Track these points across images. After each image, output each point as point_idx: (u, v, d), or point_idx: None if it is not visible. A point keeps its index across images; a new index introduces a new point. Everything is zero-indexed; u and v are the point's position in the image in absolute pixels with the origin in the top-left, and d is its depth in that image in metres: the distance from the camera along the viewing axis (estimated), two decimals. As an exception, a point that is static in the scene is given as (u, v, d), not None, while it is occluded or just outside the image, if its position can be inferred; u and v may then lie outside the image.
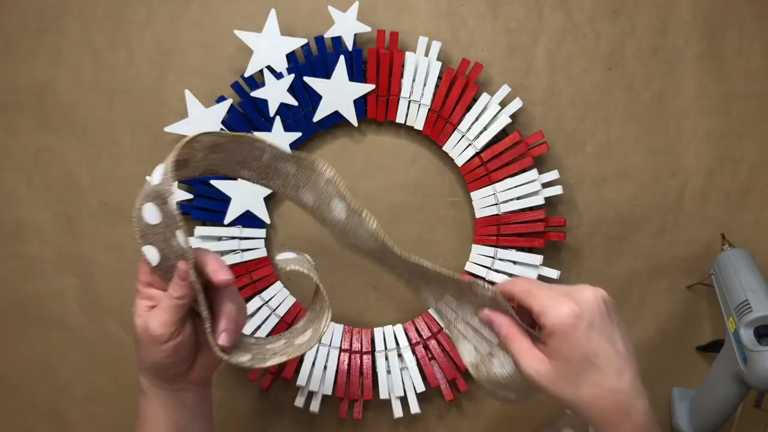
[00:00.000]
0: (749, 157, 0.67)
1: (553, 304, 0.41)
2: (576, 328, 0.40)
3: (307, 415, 0.68)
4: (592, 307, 0.41)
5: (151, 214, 0.45)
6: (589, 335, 0.40)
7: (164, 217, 0.45)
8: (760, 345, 0.54)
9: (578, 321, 0.40)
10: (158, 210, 0.45)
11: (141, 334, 0.45)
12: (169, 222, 0.44)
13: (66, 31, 0.66)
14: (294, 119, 0.65)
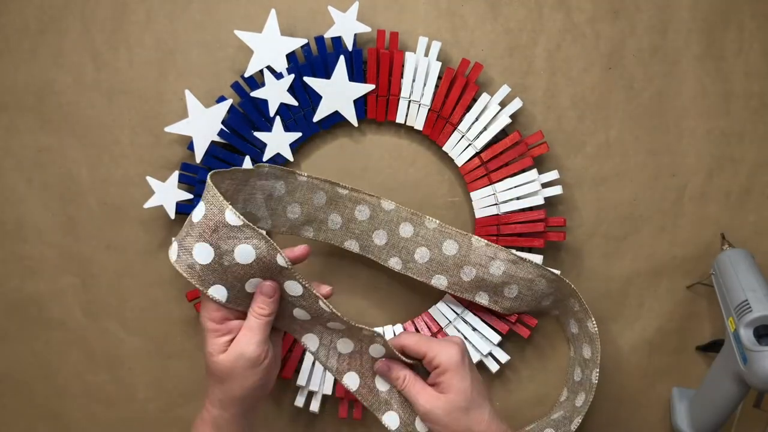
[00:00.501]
0: (749, 157, 0.67)
1: (441, 349, 0.51)
2: (463, 364, 0.51)
3: (307, 415, 0.68)
4: (464, 349, 0.52)
5: (202, 254, 0.46)
6: (471, 369, 0.52)
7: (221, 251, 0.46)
8: (759, 345, 0.54)
9: (463, 359, 0.51)
10: (210, 247, 0.46)
11: (234, 365, 0.48)
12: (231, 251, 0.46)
13: (66, 31, 0.66)
14: (294, 119, 0.65)
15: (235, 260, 0.46)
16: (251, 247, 0.46)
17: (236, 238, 0.46)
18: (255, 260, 0.46)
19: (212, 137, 0.63)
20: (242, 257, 0.46)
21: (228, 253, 0.46)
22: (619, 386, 0.68)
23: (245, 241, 0.46)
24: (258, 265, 0.47)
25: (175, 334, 0.68)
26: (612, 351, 0.68)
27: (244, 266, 0.47)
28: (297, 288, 0.49)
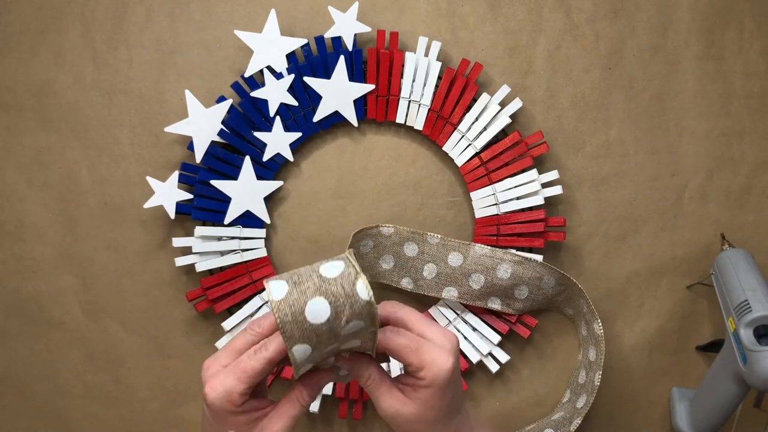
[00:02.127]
0: (749, 157, 0.67)
1: (434, 359, 0.42)
2: (449, 383, 0.43)
3: (307, 415, 0.68)
4: (458, 359, 0.44)
5: (317, 311, 0.39)
6: (455, 381, 0.44)
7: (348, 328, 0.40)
8: (759, 345, 0.54)
9: (452, 375, 0.43)
10: (330, 308, 0.39)
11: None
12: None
13: (66, 31, 0.66)
14: (294, 119, 0.65)
15: (345, 329, 0.41)
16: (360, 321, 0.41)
17: (356, 313, 0.40)
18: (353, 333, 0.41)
19: (212, 137, 0.63)
20: (354, 328, 0.41)
21: (342, 321, 0.40)
22: (619, 386, 0.68)
23: (358, 317, 0.40)
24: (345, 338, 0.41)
25: (175, 334, 0.68)
26: (612, 351, 0.68)
27: (345, 336, 0.41)
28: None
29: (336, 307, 0.39)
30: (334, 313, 0.39)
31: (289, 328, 0.39)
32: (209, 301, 0.65)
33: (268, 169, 0.65)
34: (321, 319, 0.39)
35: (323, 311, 0.39)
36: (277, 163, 0.65)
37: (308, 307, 0.39)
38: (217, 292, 0.64)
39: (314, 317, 0.39)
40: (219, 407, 0.41)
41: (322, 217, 0.67)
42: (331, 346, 0.42)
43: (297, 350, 0.40)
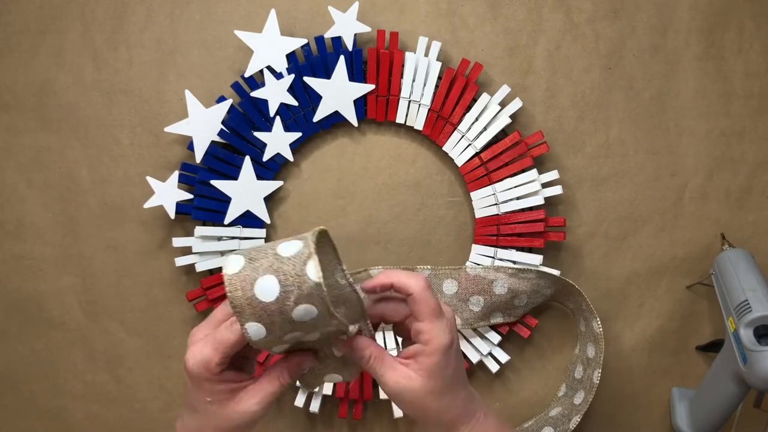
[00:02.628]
0: (749, 157, 0.67)
1: (435, 329, 0.43)
2: (451, 349, 0.44)
3: (307, 415, 0.68)
4: (455, 328, 0.45)
5: (266, 289, 0.38)
6: (457, 352, 0.45)
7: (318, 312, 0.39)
8: (759, 345, 0.54)
9: (452, 343, 0.44)
10: (279, 286, 0.38)
11: (235, 419, 0.43)
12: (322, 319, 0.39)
13: (66, 31, 0.66)
14: (294, 119, 0.65)
15: (295, 312, 0.39)
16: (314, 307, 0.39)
17: (317, 296, 0.39)
18: (313, 319, 0.40)
19: (212, 137, 0.63)
20: (306, 315, 0.39)
21: (290, 302, 0.39)
22: (619, 386, 0.68)
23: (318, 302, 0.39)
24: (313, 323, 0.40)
25: (175, 334, 0.68)
26: (612, 351, 0.68)
27: (302, 323, 0.40)
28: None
29: (285, 286, 0.38)
30: (283, 292, 0.38)
31: (239, 303, 0.38)
32: (209, 301, 0.65)
33: (268, 169, 0.65)
34: (270, 297, 0.38)
35: (272, 289, 0.38)
36: (277, 163, 0.65)
37: (258, 284, 0.38)
38: (217, 292, 0.64)
39: (263, 295, 0.38)
40: (197, 374, 0.42)
41: (322, 217, 0.67)
42: (290, 334, 0.40)
43: (250, 328, 0.39)
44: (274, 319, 0.39)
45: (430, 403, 0.44)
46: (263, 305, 0.38)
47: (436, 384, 0.43)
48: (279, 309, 0.38)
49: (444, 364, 0.43)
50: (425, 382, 0.43)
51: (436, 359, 0.43)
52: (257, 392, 0.43)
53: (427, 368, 0.43)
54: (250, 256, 0.39)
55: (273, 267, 0.38)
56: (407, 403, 0.44)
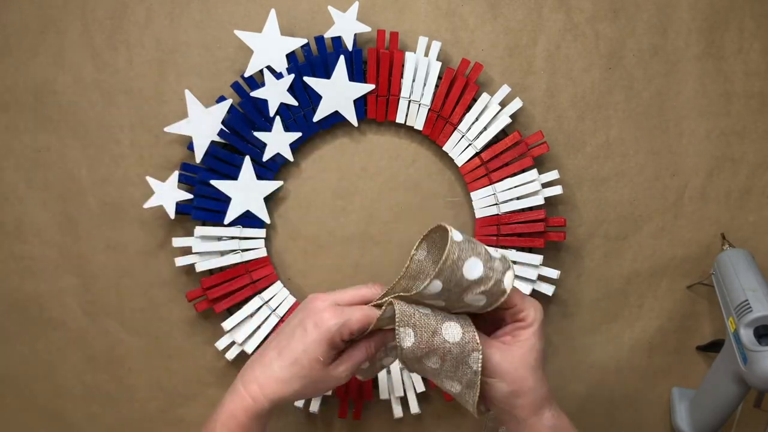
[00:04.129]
0: (749, 157, 0.67)
1: (531, 305, 0.48)
2: (543, 326, 0.48)
3: (307, 415, 0.68)
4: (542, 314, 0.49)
5: (473, 268, 0.45)
6: (544, 332, 0.49)
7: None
8: (760, 345, 0.54)
9: (542, 319, 0.49)
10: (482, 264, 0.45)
11: (332, 378, 0.48)
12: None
13: (66, 31, 0.66)
14: (294, 119, 0.65)
15: (469, 298, 0.46)
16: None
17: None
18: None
19: (212, 137, 0.63)
20: (474, 302, 0.47)
21: (481, 292, 0.46)
22: (619, 386, 0.68)
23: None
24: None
25: (175, 334, 0.68)
26: (612, 351, 0.68)
27: (458, 303, 0.47)
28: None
29: (486, 277, 0.45)
30: (480, 278, 0.45)
31: (450, 262, 0.44)
32: (209, 301, 0.65)
33: (268, 169, 0.65)
34: (471, 276, 0.45)
35: (476, 271, 0.45)
36: (277, 163, 0.65)
37: (469, 261, 0.45)
38: (217, 292, 0.64)
39: (468, 272, 0.45)
40: (330, 334, 0.46)
41: (322, 217, 0.67)
42: (440, 302, 0.46)
43: (434, 283, 0.44)
44: (453, 289, 0.45)
45: (528, 377, 0.47)
46: (461, 277, 0.44)
47: (531, 356, 0.47)
48: (467, 287, 0.45)
49: (538, 337, 0.47)
50: (524, 354, 0.47)
51: (531, 332, 0.47)
52: (349, 360, 0.49)
53: (524, 341, 0.47)
54: (469, 239, 0.46)
55: (483, 258, 0.45)
56: (504, 374, 0.46)
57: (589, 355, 0.68)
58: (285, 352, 0.48)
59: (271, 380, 0.48)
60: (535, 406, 0.47)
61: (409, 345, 0.46)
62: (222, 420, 0.47)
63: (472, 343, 0.46)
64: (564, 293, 0.68)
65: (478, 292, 0.46)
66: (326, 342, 0.47)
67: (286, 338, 0.48)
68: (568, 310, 0.68)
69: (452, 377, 0.48)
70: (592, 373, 0.68)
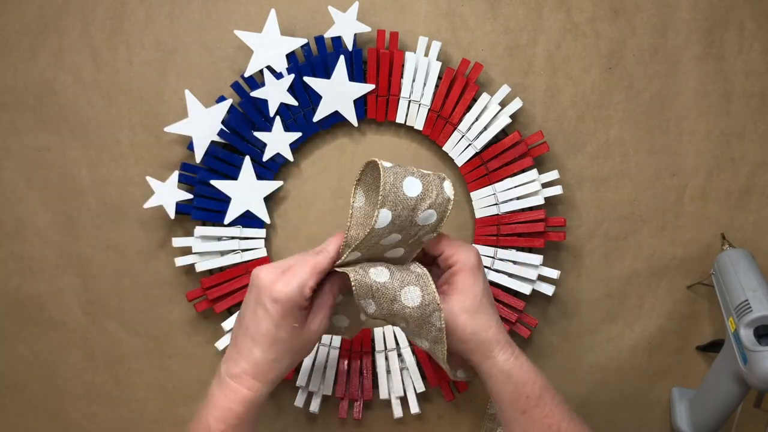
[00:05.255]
0: (749, 157, 0.67)
1: (460, 248, 0.49)
2: (479, 268, 0.49)
3: (307, 415, 0.68)
4: (479, 255, 0.50)
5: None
6: (484, 276, 0.50)
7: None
8: (760, 345, 0.54)
9: (480, 263, 0.50)
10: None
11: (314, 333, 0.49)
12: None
13: (66, 31, 0.66)
14: (294, 119, 0.65)
15: (422, 216, 0.48)
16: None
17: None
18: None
19: (212, 137, 0.63)
20: (426, 219, 0.49)
21: (429, 207, 0.48)
22: (619, 386, 0.68)
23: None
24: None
25: (175, 334, 0.68)
26: (612, 351, 0.68)
27: (412, 227, 0.48)
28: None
29: (426, 190, 0.47)
30: (422, 193, 0.46)
31: (387, 190, 0.45)
32: (209, 301, 0.65)
33: (268, 169, 0.65)
34: (412, 193, 0.46)
35: (416, 188, 0.46)
36: (277, 163, 0.65)
37: (406, 180, 0.46)
38: (217, 292, 0.64)
39: (408, 189, 0.46)
40: (293, 299, 0.46)
41: (322, 217, 0.67)
42: (394, 235, 0.48)
43: (382, 213, 0.45)
44: (402, 213, 0.46)
45: (465, 322, 0.47)
46: (405, 197, 0.46)
47: (467, 300, 0.47)
48: (413, 206, 0.46)
49: (472, 280, 0.48)
50: (458, 299, 0.47)
51: (464, 276, 0.48)
52: (321, 310, 0.49)
53: (456, 286, 0.48)
54: (398, 164, 0.48)
55: (417, 175, 0.47)
56: (448, 324, 0.47)
57: (589, 355, 0.68)
58: (259, 335, 0.47)
59: (261, 367, 0.47)
60: (484, 350, 0.47)
61: (372, 311, 0.47)
62: (216, 415, 0.47)
63: (432, 304, 0.47)
64: (564, 293, 0.68)
65: (426, 208, 0.47)
66: (292, 311, 0.47)
67: (252, 323, 0.48)
68: (568, 310, 0.68)
69: (418, 335, 0.49)
70: (592, 373, 0.68)
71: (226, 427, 0.47)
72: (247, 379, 0.47)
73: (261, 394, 0.48)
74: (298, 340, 0.48)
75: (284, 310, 0.46)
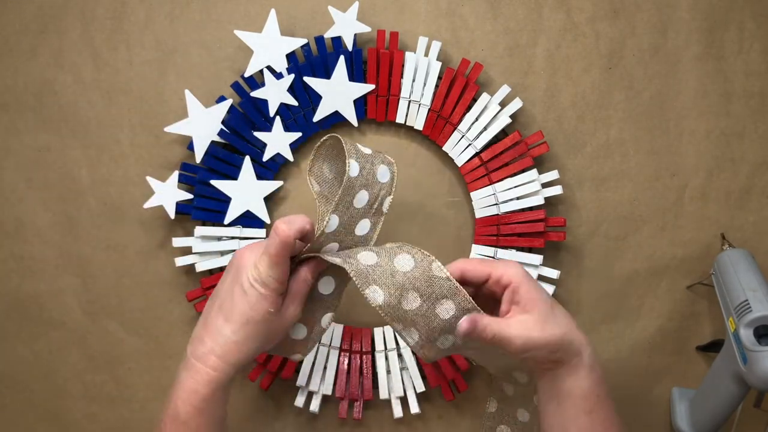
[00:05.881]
0: (749, 157, 0.67)
1: (505, 265, 0.48)
2: (531, 278, 0.48)
3: (307, 415, 0.68)
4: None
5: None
6: (537, 283, 0.48)
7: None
8: (759, 345, 0.54)
9: (527, 273, 0.48)
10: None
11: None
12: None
13: (66, 31, 0.66)
14: (294, 119, 0.65)
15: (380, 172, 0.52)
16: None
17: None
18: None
19: (212, 137, 0.63)
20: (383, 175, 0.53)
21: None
22: (619, 386, 0.68)
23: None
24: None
25: (175, 334, 0.68)
26: (612, 351, 0.68)
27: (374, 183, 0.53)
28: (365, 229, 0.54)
29: (373, 150, 0.54)
30: (373, 151, 0.54)
31: (350, 146, 0.51)
32: (209, 301, 0.65)
33: (268, 169, 0.65)
34: (368, 151, 0.53)
35: (368, 149, 0.53)
36: (277, 163, 0.65)
37: (358, 144, 0.52)
38: (217, 292, 0.64)
39: (364, 149, 0.52)
40: (271, 285, 0.46)
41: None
42: (367, 192, 0.51)
43: (353, 164, 0.49)
44: (365, 166, 0.51)
45: (553, 329, 0.45)
46: (363, 152, 0.52)
47: (543, 307, 0.46)
48: (371, 159, 0.52)
49: (534, 288, 0.46)
50: (537, 312, 0.45)
51: (526, 287, 0.46)
52: (294, 298, 0.49)
53: (525, 300, 0.46)
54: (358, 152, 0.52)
55: (357, 148, 0.52)
56: (537, 344, 0.45)
57: (589, 355, 0.68)
58: (233, 315, 0.47)
59: (228, 347, 0.47)
60: (575, 349, 0.46)
61: (382, 300, 0.45)
62: (183, 398, 0.46)
63: (426, 259, 0.46)
64: (564, 293, 0.68)
65: (379, 163, 0.52)
66: (268, 295, 0.46)
67: (227, 301, 0.47)
68: (568, 310, 0.67)
69: (435, 298, 0.46)
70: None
71: (192, 409, 0.46)
72: (212, 359, 0.47)
73: (226, 375, 0.47)
74: (271, 326, 0.48)
75: (261, 295, 0.46)
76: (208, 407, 0.47)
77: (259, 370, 0.65)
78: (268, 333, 0.48)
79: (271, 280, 0.46)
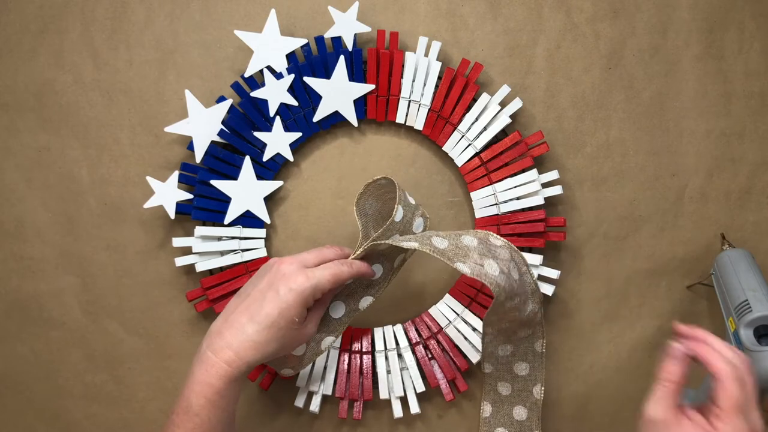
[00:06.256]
0: (749, 157, 0.67)
1: (729, 426, 0.45)
2: (740, 378, 0.46)
3: (307, 415, 0.68)
4: (746, 381, 0.47)
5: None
6: (750, 404, 0.46)
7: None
8: (760, 345, 0.54)
9: (741, 368, 0.46)
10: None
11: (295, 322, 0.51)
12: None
13: (66, 31, 0.66)
14: (294, 119, 0.65)
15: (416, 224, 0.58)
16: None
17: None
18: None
19: (212, 137, 0.63)
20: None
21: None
22: (620, 386, 0.68)
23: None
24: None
25: (175, 334, 0.68)
26: (612, 351, 0.68)
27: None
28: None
29: (417, 203, 0.60)
30: (416, 204, 0.59)
31: (401, 194, 0.56)
32: (209, 301, 0.65)
33: (268, 169, 0.65)
34: (413, 201, 0.60)
35: (413, 200, 0.60)
36: (277, 163, 0.65)
37: (407, 193, 0.58)
38: (217, 292, 0.64)
39: (411, 199, 0.59)
40: (305, 296, 0.50)
41: (322, 217, 0.67)
42: (400, 236, 0.57)
43: (398, 210, 0.55)
44: (407, 214, 0.56)
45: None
46: (410, 202, 0.58)
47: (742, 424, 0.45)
48: (413, 210, 0.58)
49: (742, 419, 0.45)
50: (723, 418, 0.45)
51: (721, 386, 0.45)
52: (315, 315, 0.54)
53: (716, 399, 0.46)
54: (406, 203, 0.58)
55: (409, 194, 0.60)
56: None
57: (589, 355, 0.68)
58: (258, 316, 0.49)
59: (247, 344, 0.49)
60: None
61: (469, 270, 0.53)
62: (196, 390, 0.47)
63: (480, 231, 0.57)
64: (564, 293, 0.68)
65: (419, 215, 0.58)
66: (302, 304, 0.50)
67: (256, 303, 0.50)
68: (568, 310, 0.68)
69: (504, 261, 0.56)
70: (593, 372, 0.69)
71: (205, 401, 0.47)
72: (228, 353, 0.48)
73: (239, 371, 0.48)
74: (290, 335, 0.51)
75: (295, 301, 0.49)
76: (220, 400, 0.48)
77: (259, 370, 0.66)
78: (285, 341, 0.51)
79: (319, 293, 0.51)
